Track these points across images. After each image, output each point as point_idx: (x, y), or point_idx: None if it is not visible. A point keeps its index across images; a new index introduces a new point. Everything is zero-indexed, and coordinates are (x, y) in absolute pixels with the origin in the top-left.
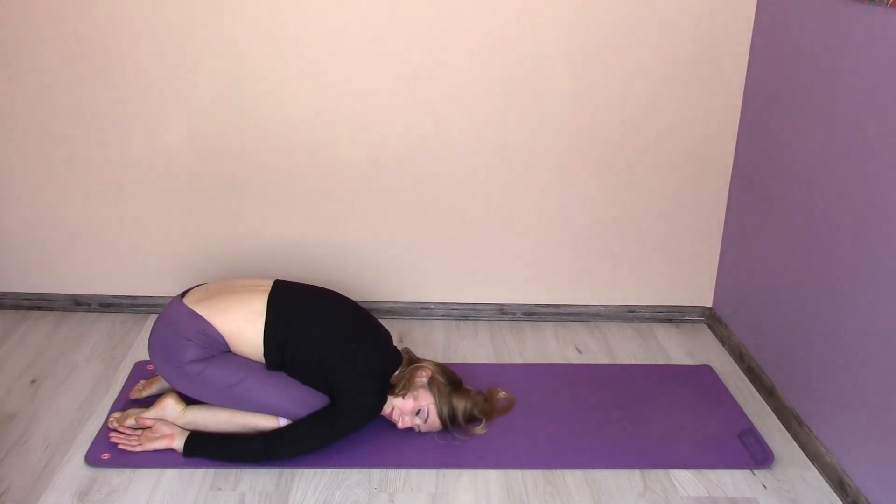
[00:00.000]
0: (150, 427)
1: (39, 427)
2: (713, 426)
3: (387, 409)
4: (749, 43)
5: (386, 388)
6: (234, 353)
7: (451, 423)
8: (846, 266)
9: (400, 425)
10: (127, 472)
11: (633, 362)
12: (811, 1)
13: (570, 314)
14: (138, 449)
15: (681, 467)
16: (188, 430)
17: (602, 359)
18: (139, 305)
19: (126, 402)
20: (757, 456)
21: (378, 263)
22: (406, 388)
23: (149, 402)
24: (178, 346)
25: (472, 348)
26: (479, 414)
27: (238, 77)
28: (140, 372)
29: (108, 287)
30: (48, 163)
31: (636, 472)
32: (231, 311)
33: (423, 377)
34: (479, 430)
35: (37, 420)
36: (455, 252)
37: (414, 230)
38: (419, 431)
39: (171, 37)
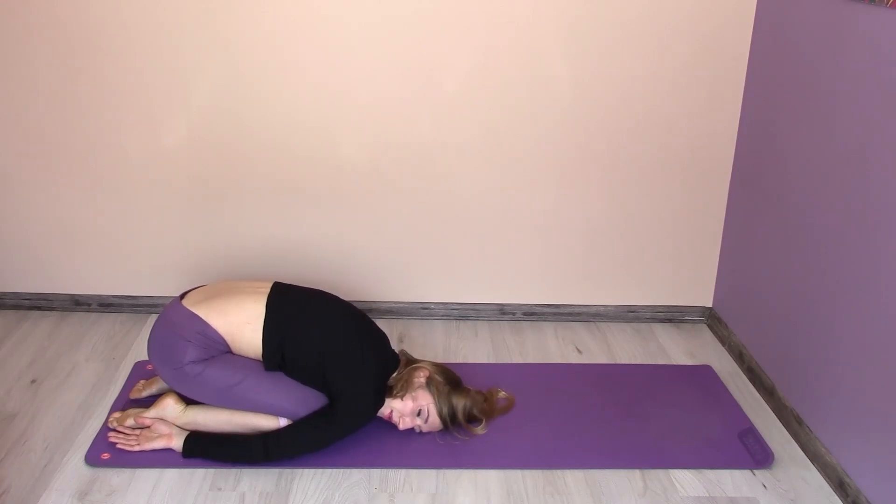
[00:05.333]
0: (149, 427)
1: (39, 427)
2: (713, 426)
3: (385, 410)
4: (749, 43)
5: (383, 390)
6: (233, 354)
7: (451, 421)
8: (846, 266)
9: (401, 427)
10: (127, 472)
11: (633, 362)
12: (811, 1)
13: (570, 314)
14: (136, 449)
15: (681, 467)
16: (187, 430)
17: (602, 359)
18: (139, 305)
19: (126, 402)
20: (757, 456)
21: (378, 263)
22: (404, 388)
23: (149, 402)
24: (177, 348)
25: (472, 348)
26: (479, 414)
27: (238, 78)
28: (140, 372)
29: (108, 287)
30: (48, 163)
31: (636, 472)
32: (230, 312)
33: (420, 377)
34: (479, 430)
35: (37, 420)
36: (455, 252)
37: (414, 230)
38: (420, 432)
39: (171, 38)
